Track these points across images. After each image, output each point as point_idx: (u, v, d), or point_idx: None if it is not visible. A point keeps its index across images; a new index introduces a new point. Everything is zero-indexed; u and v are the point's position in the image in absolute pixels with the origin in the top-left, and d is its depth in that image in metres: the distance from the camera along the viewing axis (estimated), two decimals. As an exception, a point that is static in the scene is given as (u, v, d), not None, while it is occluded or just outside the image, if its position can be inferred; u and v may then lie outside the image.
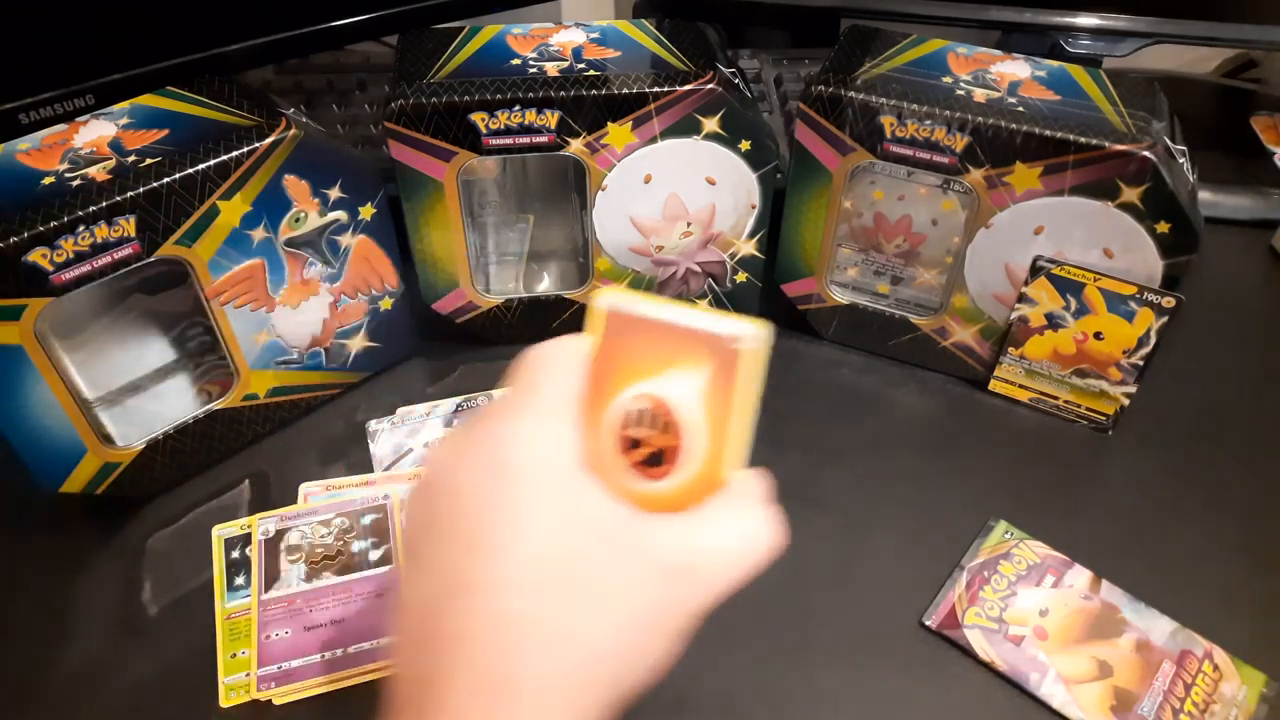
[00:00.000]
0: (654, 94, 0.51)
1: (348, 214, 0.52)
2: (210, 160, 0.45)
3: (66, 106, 0.54)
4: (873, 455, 0.55)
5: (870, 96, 0.51)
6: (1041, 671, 0.44)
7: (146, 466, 0.51)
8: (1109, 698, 0.43)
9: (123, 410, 0.53)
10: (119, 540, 0.51)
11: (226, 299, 0.49)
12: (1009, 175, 0.50)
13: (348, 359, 0.57)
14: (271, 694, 0.44)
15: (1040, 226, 0.51)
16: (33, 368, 0.44)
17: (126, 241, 0.44)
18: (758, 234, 0.58)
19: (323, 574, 0.48)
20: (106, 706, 0.44)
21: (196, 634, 0.46)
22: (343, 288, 0.54)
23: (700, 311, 0.30)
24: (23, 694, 0.44)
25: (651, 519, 0.29)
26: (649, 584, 0.28)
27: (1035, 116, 0.49)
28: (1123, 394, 0.54)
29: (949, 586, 0.48)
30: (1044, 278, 0.52)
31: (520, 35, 0.55)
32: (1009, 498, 0.52)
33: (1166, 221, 0.48)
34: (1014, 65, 0.53)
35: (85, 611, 0.48)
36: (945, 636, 0.46)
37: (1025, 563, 0.49)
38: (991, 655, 0.45)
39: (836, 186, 0.54)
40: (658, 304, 0.30)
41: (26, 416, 0.45)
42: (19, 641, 0.47)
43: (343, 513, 0.50)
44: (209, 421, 0.53)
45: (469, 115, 0.50)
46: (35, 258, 0.42)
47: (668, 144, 0.53)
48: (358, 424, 0.56)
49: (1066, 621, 0.46)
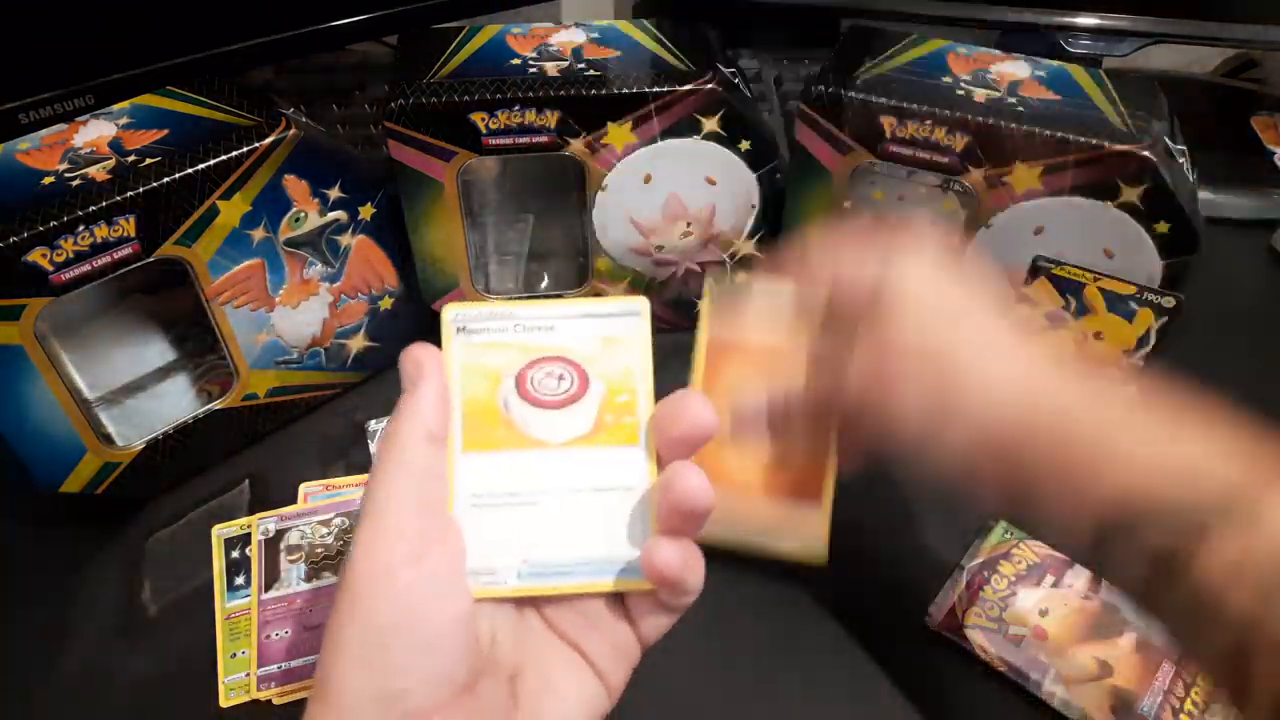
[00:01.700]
0: (654, 94, 0.51)
1: (347, 214, 0.52)
2: (210, 160, 0.45)
3: (66, 106, 0.54)
4: (873, 455, 0.55)
5: (870, 96, 0.51)
6: (1042, 671, 0.44)
7: (146, 466, 0.51)
8: (1109, 698, 0.43)
9: (122, 410, 0.53)
10: (119, 540, 0.51)
11: (226, 299, 0.49)
12: (1009, 175, 0.50)
13: (347, 359, 0.57)
14: (271, 694, 0.44)
15: (1040, 226, 0.51)
16: (32, 368, 0.44)
17: (126, 241, 0.44)
18: (758, 234, 0.58)
19: (323, 574, 0.48)
20: (106, 706, 0.44)
21: (196, 634, 0.46)
22: (342, 287, 0.54)
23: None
24: (23, 694, 0.44)
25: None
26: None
27: (1035, 116, 0.49)
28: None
29: (949, 587, 0.48)
30: (1044, 278, 0.52)
31: (520, 35, 0.55)
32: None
33: (1166, 221, 0.48)
34: (1014, 65, 0.53)
35: (85, 611, 0.48)
36: (945, 637, 0.46)
37: (1025, 562, 0.49)
38: (992, 655, 0.45)
39: (836, 187, 0.54)
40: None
41: (26, 416, 0.45)
42: (19, 642, 0.47)
43: (343, 513, 0.50)
44: (209, 421, 0.53)
45: (469, 115, 0.50)
46: (35, 257, 0.42)
47: (668, 144, 0.53)
48: (357, 424, 0.56)
49: (1066, 621, 0.46)
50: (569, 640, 0.31)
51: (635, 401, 0.32)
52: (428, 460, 0.30)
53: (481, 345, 0.32)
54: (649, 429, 0.31)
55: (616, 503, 0.31)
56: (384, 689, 0.27)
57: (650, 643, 0.32)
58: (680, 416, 0.30)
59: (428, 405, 0.30)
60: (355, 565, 0.28)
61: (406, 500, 0.29)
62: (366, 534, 0.28)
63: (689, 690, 0.44)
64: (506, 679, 0.30)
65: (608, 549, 0.31)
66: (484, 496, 0.31)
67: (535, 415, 0.31)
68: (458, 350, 0.32)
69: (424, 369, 0.30)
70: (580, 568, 0.31)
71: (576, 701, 0.31)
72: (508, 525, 0.31)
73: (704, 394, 0.30)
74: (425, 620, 0.28)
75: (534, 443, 0.31)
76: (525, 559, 0.30)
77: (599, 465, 0.31)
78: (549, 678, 0.31)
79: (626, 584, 0.31)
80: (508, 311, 0.32)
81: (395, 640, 0.27)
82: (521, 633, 0.31)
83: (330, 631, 0.28)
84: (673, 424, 0.30)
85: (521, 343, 0.32)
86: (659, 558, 0.29)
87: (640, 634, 0.31)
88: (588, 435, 0.31)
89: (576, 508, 0.31)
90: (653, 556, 0.29)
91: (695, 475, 0.29)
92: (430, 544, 0.29)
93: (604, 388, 0.32)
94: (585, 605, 0.31)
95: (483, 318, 0.32)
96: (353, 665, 0.27)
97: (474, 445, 0.31)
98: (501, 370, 0.32)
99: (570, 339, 0.32)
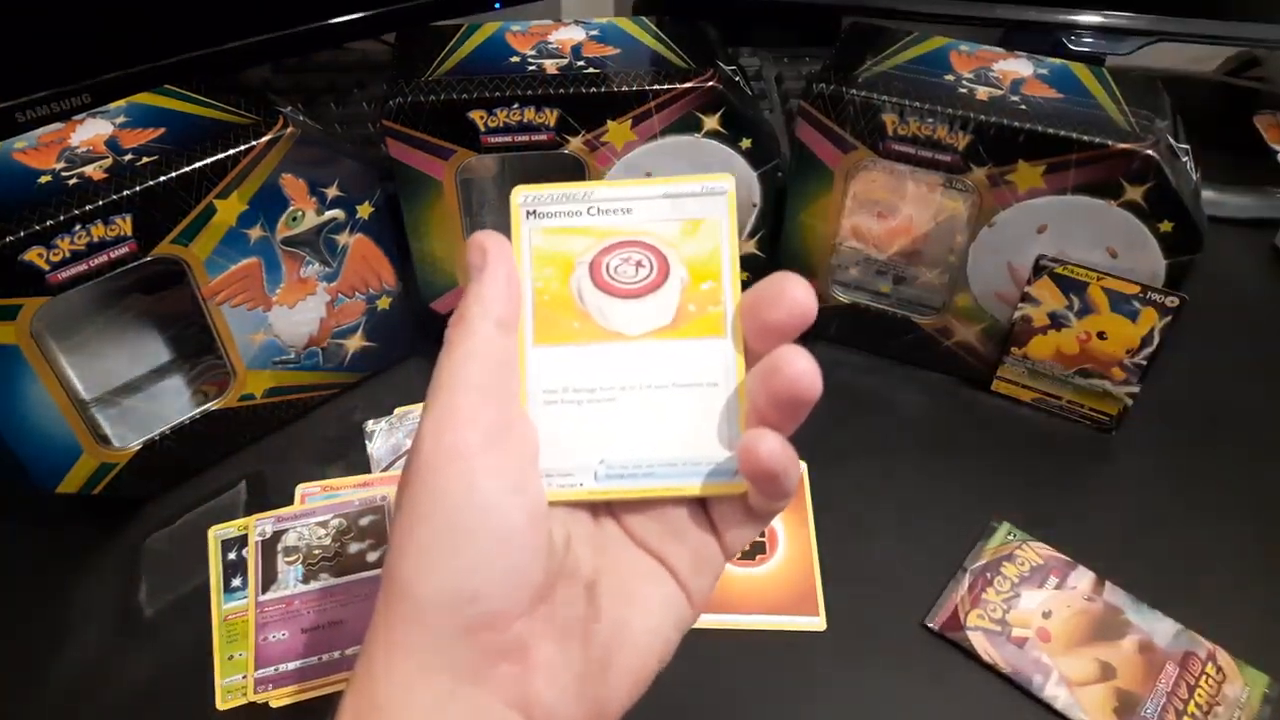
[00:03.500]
0: (654, 92, 0.50)
1: (345, 213, 0.51)
2: (207, 159, 0.45)
3: (63, 105, 0.54)
4: (874, 456, 0.55)
5: (872, 94, 0.50)
6: (1045, 673, 0.44)
7: (143, 467, 0.51)
8: (1112, 699, 0.43)
9: (119, 410, 0.53)
10: (115, 541, 0.50)
11: (223, 298, 0.49)
12: (1011, 174, 0.50)
13: (345, 359, 0.57)
14: (269, 696, 0.44)
15: (1043, 225, 0.51)
16: (29, 368, 0.44)
17: (123, 240, 0.44)
18: (759, 233, 0.57)
19: (320, 575, 0.48)
20: (103, 708, 0.44)
21: (193, 636, 0.46)
22: (340, 287, 0.54)
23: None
24: (18, 696, 0.44)
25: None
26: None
27: (1038, 115, 0.48)
28: (1126, 394, 0.54)
29: (951, 588, 0.48)
30: (1047, 277, 0.52)
31: (519, 33, 0.55)
32: (1011, 499, 0.52)
33: (1170, 220, 0.48)
34: (1016, 63, 0.53)
35: (81, 613, 0.47)
36: (948, 638, 0.46)
37: (1028, 564, 0.48)
38: (994, 657, 0.45)
39: (838, 185, 0.54)
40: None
41: (23, 417, 0.45)
42: (14, 644, 0.46)
43: (340, 514, 0.50)
44: (206, 422, 0.52)
45: (467, 113, 0.50)
46: (31, 257, 0.42)
47: (668, 142, 0.52)
48: (355, 424, 0.56)
49: (1069, 623, 0.46)
50: (649, 549, 0.30)
51: (720, 289, 0.29)
52: (497, 347, 0.28)
53: (553, 230, 0.30)
54: (736, 319, 0.29)
55: (701, 399, 0.29)
56: (456, 591, 0.26)
57: (734, 553, 0.30)
58: (779, 300, 0.27)
59: (494, 293, 0.28)
60: (422, 449, 0.26)
61: (475, 384, 0.27)
62: (434, 417, 0.26)
63: (689, 690, 0.44)
64: (584, 588, 0.28)
65: (693, 449, 0.29)
66: (558, 393, 0.29)
67: (612, 305, 0.30)
68: (527, 235, 0.30)
69: (490, 255, 0.28)
70: (663, 469, 0.29)
71: (659, 612, 0.29)
72: (584, 423, 0.29)
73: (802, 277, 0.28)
74: (497, 513, 0.26)
75: (611, 335, 0.29)
76: (603, 459, 0.29)
77: (682, 359, 0.29)
78: (630, 587, 0.29)
79: (714, 487, 0.29)
80: (582, 193, 0.30)
81: (466, 534, 0.26)
82: (599, 541, 0.30)
83: (397, 525, 0.27)
84: (770, 308, 0.28)
85: (596, 226, 0.30)
86: (764, 447, 0.26)
87: (725, 544, 0.30)
88: (669, 326, 0.29)
89: (657, 405, 0.29)
90: (757, 446, 0.26)
91: (805, 359, 0.26)
92: (501, 433, 0.27)
93: (686, 274, 0.30)
94: (666, 513, 0.29)
95: (554, 200, 0.30)
96: (421, 564, 0.26)
97: (546, 338, 0.29)
98: (575, 257, 0.30)
99: (649, 221, 0.30)
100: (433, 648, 0.26)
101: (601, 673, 0.28)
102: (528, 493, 0.27)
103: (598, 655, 0.28)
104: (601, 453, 0.29)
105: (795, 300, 0.27)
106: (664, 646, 0.29)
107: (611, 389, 0.29)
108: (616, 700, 0.28)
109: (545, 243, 0.30)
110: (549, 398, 0.29)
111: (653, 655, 0.29)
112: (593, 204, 0.30)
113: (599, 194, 0.30)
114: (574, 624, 0.28)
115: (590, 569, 0.29)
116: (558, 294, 0.30)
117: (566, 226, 0.30)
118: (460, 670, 0.26)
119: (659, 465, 0.29)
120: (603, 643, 0.28)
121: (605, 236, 0.30)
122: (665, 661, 0.30)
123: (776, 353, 0.27)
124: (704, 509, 0.30)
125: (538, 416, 0.29)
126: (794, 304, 0.27)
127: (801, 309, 0.27)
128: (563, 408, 0.29)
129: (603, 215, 0.30)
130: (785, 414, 0.27)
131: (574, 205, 0.30)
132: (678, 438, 0.29)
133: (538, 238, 0.30)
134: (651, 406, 0.29)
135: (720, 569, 0.30)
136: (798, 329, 0.28)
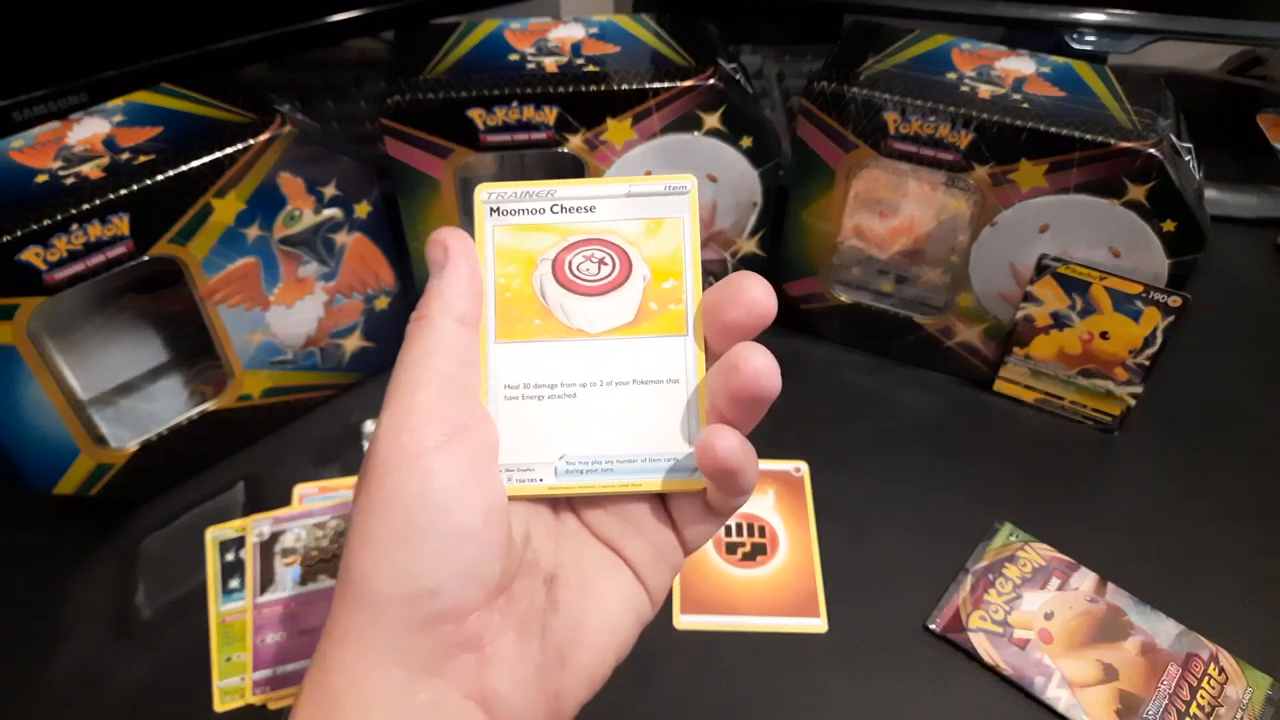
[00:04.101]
0: (654, 90, 0.50)
1: (343, 212, 0.51)
2: (204, 158, 0.45)
3: (60, 104, 0.54)
4: (876, 457, 0.55)
5: (873, 93, 0.50)
6: (1046, 675, 0.44)
7: (140, 468, 0.50)
8: (1114, 701, 0.43)
9: (116, 411, 0.53)
10: (112, 543, 0.50)
11: (220, 298, 0.49)
12: (1014, 173, 0.49)
13: (343, 359, 0.57)
14: (266, 698, 0.43)
15: (1045, 224, 0.51)
16: (25, 368, 0.44)
17: (120, 240, 0.44)
18: (759, 232, 0.57)
19: (318, 577, 0.47)
20: (100, 710, 0.43)
21: (191, 637, 0.46)
22: (338, 286, 0.53)
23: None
24: (15, 698, 0.44)
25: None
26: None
27: (1040, 113, 0.48)
28: (1129, 394, 0.54)
29: (953, 589, 0.47)
30: (1049, 276, 0.52)
31: (518, 30, 0.54)
32: (1014, 500, 0.52)
33: (1173, 220, 0.48)
34: (1019, 61, 0.53)
35: (78, 615, 0.47)
36: (949, 640, 0.46)
37: (1030, 565, 0.48)
38: (996, 659, 0.44)
39: (839, 184, 0.54)
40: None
41: (19, 417, 0.45)
42: (11, 645, 0.46)
43: (338, 515, 0.50)
44: (203, 423, 0.52)
45: (466, 112, 0.50)
46: (28, 256, 0.42)
47: (668, 140, 0.52)
48: (353, 425, 0.56)
49: (1072, 624, 0.46)
50: (609, 543, 0.30)
51: (682, 287, 0.30)
52: (458, 343, 0.28)
53: (516, 227, 0.30)
54: (697, 317, 0.29)
55: (662, 397, 0.29)
56: (413, 587, 0.26)
57: (693, 549, 0.30)
58: (738, 300, 0.28)
59: (455, 289, 0.28)
60: (379, 448, 0.26)
61: (434, 382, 0.27)
62: (390, 415, 0.27)
63: (690, 691, 0.44)
64: (543, 582, 0.29)
65: (652, 445, 0.29)
66: (519, 389, 0.29)
67: (574, 302, 0.30)
68: (490, 232, 0.30)
69: (451, 251, 0.28)
70: (623, 465, 0.29)
71: (618, 605, 0.29)
72: (544, 419, 0.29)
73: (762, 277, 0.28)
74: (453, 510, 0.26)
75: (573, 332, 0.30)
76: (563, 455, 0.29)
77: (643, 356, 0.29)
78: (588, 581, 0.29)
79: (673, 483, 0.29)
80: (545, 191, 0.30)
81: (422, 531, 0.26)
82: (559, 535, 0.30)
83: (354, 523, 0.27)
84: (729, 308, 0.28)
85: (559, 224, 0.30)
86: (721, 444, 0.26)
87: (684, 540, 0.30)
88: (631, 324, 0.30)
89: (618, 402, 0.29)
90: (714, 442, 0.26)
91: (764, 356, 0.27)
92: (459, 430, 0.27)
93: (648, 272, 0.30)
94: (626, 508, 0.30)
95: (518, 198, 0.30)
96: (378, 559, 0.26)
97: (508, 334, 0.30)
98: (538, 254, 0.30)
99: (612, 220, 0.30)
100: (390, 640, 0.26)
101: (559, 665, 0.28)
102: (486, 489, 0.27)
103: (556, 647, 0.28)
104: (562, 448, 0.29)
105: (754, 300, 0.28)
106: (622, 639, 0.30)
107: (573, 385, 0.29)
108: (574, 693, 0.29)
109: (508, 240, 0.30)
110: (510, 393, 0.29)
111: (611, 648, 0.29)
112: (556, 202, 0.31)
113: (562, 192, 0.31)
114: (533, 617, 0.28)
115: (550, 563, 0.29)
116: (520, 291, 0.30)
117: (530, 224, 0.30)
118: (418, 662, 0.26)
119: (619, 461, 0.29)
120: (561, 635, 0.28)
121: (568, 234, 0.30)
122: (623, 655, 0.30)
123: (735, 350, 0.27)
124: (664, 505, 0.30)
125: (498, 412, 0.29)
126: (753, 304, 0.28)
127: (760, 309, 0.28)
128: (524, 404, 0.29)
129: (566, 213, 0.30)
130: (744, 411, 0.27)
131: (537, 203, 0.31)
132: (638, 434, 0.29)
133: (501, 235, 0.30)
134: (612, 403, 0.29)
135: (680, 564, 0.31)
136: (757, 328, 0.28)
